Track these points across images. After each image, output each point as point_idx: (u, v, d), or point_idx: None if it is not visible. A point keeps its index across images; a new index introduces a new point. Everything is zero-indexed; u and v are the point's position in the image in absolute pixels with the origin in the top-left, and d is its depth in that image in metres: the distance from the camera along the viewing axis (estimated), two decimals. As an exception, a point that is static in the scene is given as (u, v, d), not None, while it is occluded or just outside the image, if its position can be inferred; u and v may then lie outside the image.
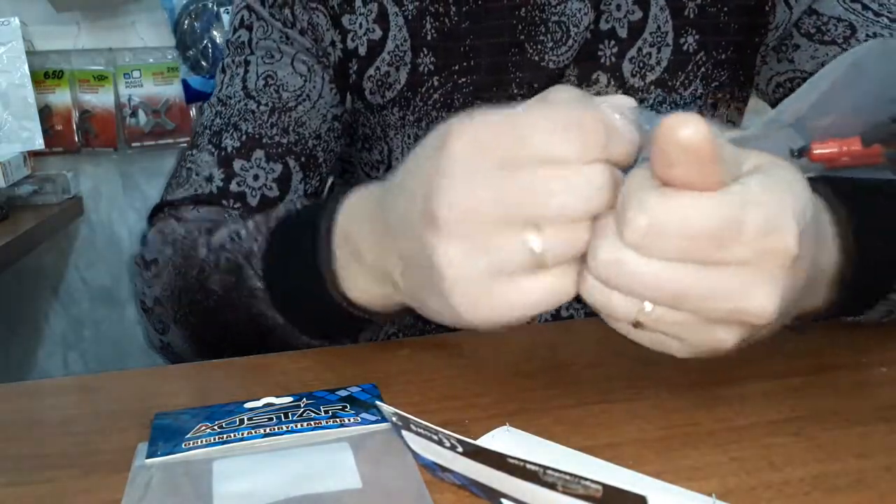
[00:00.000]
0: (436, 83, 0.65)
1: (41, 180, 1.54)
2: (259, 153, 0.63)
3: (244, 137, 0.64)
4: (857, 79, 0.40)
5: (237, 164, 0.63)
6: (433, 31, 0.64)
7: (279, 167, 0.64)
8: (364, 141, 0.69)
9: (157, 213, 0.65)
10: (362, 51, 0.65)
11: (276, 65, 0.65)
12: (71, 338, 1.77)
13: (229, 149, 0.64)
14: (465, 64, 0.64)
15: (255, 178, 0.63)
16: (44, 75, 1.60)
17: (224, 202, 0.63)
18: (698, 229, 0.32)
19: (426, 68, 0.64)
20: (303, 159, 0.65)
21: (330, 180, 0.72)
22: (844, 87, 0.39)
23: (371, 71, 0.65)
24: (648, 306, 0.34)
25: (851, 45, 0.63)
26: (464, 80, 0.65)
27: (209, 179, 0.63)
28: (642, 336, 0.36)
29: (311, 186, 0.67)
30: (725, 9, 0.66)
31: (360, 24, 0.65)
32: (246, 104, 0.64)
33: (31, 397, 0.48)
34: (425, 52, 0.64)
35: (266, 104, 0.64)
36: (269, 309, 0.50)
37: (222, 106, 0.65)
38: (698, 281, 0.33)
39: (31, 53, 1.53)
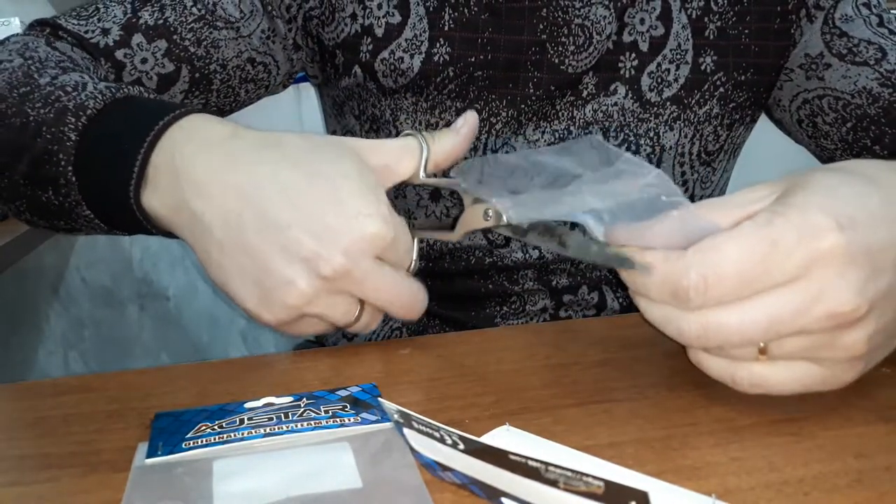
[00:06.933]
0: (451, 73, 0.64)
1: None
2: (162, 44, 0.63)
3: (160, 22, 0.63)
4: None
5: (136, 39, 0.62)
6: (451, 21, 0.64)
7: (171, 67, 0.63)
8: (372, 122, 0.69)
9: (40, 25, 0.63)
10: (379, 32, 0.64)
11: None
12: (71, 338, 1.77)
13: (140, 21, 0.63)
14: (482, 57, 0.64)
15: (143, 61, 0.62)
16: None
17: (102, 60, 0.62)
18: (738, 265, 0.36)
19: (441, 58, 0.64)
20: (197, 75, 0.64)
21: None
22: None
23: (385, 54, 0.65)
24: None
25: (883, 67, 0.64)
26: (480, 73, 0.64)
27: (105, 32, 0.62)
28: (780, 372, 0.38)
29: (191, 104, 0.65)
30: (747, 31, 0.66)
31: (380, 5, 0.64)
32: None
33: (32, 397, 0.48)
34: (441, 43, 0.64)
35: (199, 10, 0.64)
36: (65, 159, 0.48)
37: None
38: (779, 306, 0.36)
39: (31, 53, 1.53)
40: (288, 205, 0.43)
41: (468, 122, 0.49)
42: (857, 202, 0.37)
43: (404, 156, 0.48)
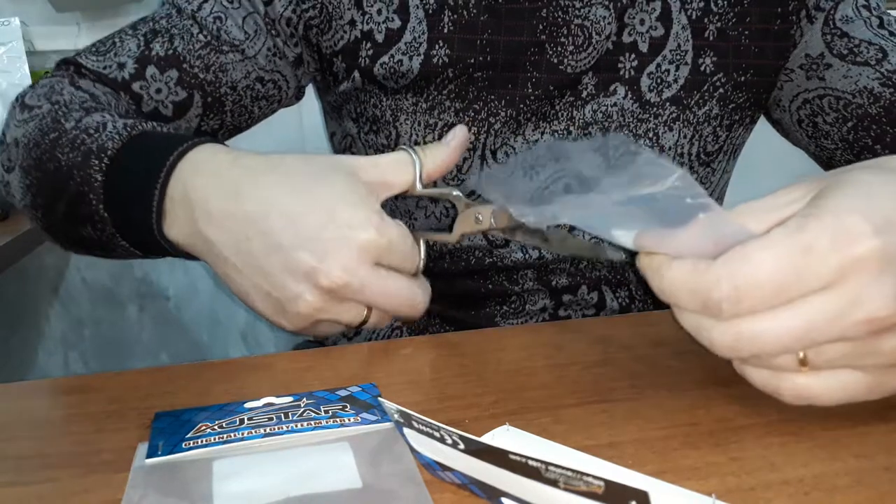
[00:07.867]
0: (450, 75, 0.65)
1: (41, 180, 1.54)
2: (173, 73, 0.65)
3: (170, 53, 0.66)
4: None
5: (150, 71, 0.65)
6: (450, 23, 0.64)
7: (183, 94, 0.66)
8: (372, 123, 0.69)
9: (65, 64, 0.68)
10: (379, 38, 0.65)
11: (230, 12, 0.67)
12: (71, 337, 1.77)
13: (153, 53, 0.65)
14: (481, 58, 0.64)
15: (158, 91, 0.66)
16: (44, 75, 1.59)
17: (121, 94, 0.65)
18: (771, 273, 0.35)
19: (440, 60, 0.64)
20: (209, 99, 0.67)
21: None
22: None
23: (385, 58, 0.65)
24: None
25: (884, 68, 0.64)
26: (479, 74, 0.65)
27: (121, 67, 0.65)
28: (824, 382, 0.37)
29: (208, 126, 0.69)
30: (747, 32, 0.66)
31: (380, 11, 0.65)
32: (191, 26, 0.66)
33: (32, 397, 0.48)
34: (441, 45, 0.64)
35: (205, 37, 0.66)
36: (96, 199, 0.53)
37: (175, 12, 0.67)
38: (814, 313, 0.35)
39: (31, 54, 1.52)
40: (288, 228, 0.47)
41: (457, 135, 0.54)
42: (893, 202, 0.36)
43: (399, 170, 0.52)
